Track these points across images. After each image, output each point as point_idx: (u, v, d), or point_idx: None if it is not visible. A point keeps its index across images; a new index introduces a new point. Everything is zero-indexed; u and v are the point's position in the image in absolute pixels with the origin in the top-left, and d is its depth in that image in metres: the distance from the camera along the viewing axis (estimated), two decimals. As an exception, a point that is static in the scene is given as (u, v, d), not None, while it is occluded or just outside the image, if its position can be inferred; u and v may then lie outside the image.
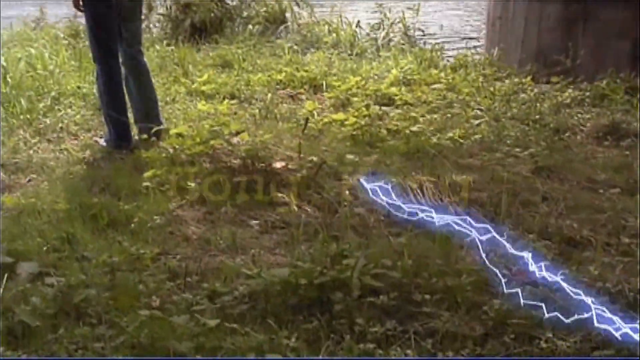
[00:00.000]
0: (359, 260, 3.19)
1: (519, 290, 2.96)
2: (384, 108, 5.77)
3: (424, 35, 9.20)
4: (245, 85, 6.59)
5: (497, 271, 3.07)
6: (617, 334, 2.66)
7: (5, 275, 3.29)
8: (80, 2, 4.91)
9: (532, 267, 2.95)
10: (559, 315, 2.80)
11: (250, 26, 8.71)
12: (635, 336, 2.62)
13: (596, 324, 2.69)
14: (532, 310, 2.91)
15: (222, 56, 7.53)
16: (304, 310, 3.05)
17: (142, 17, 5.53)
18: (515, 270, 3.15)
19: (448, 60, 7.78)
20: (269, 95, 6.28)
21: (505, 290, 3.01)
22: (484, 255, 3.15)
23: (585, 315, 2.71)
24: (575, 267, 3.30)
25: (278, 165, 4.56)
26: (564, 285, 2.85)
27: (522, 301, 2.91)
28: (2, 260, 3.42)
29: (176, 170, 4.52)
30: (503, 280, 3.03)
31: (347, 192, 4.10)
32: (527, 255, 2.99)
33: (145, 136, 4.94)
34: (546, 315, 2.84)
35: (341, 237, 3.69)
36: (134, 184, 4.40)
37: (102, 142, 5.11)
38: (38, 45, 7.50)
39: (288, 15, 9.49)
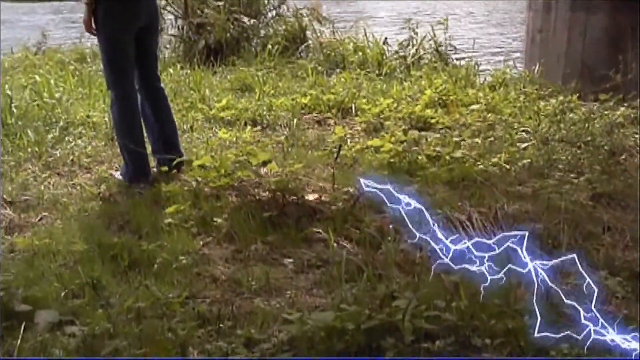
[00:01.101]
0: (411, 302, 3.13)
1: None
2: (422, 132, 5.72)
3: (455, 52, 9.19)
4: (268, 111, 6.59)
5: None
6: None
7: (23, 325, 3.25)
8: (93, 25, 4.89)
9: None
10: None
11: (269, 46, 8.72)
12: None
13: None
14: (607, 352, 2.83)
15: (240, 79, 7.54)
16: (352, 357, 2.99)
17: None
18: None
19: (485, 79, 7.76)
20: (295, 120, 6.26)
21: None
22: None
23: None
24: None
25: (311, 197, 4.52)
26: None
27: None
28: (18, 308, 3.39)
29: (200, 205, 4.49)
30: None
31: (390, 226, 4.04)
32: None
33: (165, 168, 4.91)
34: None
35: (385, 276, 3.64)
36: (155, 220, 4.37)
37: (117, 175, 5.09)
38: (43, 72, 7.53)
39: (308, 33, 9.52)
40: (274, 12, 9.65)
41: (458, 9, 21.84)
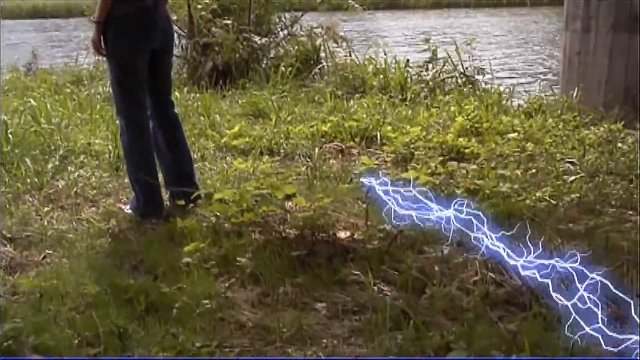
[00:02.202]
0: (471, 354, 3.07)
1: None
2: (457, 164, 5.68)
3: (483, 75, 9.18)
4: (285, 139, 6.54)
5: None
6: None
7: (35, 377, 3.19)
8: (103, 45, 4.84)
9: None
10: None
11: (282, 68, 8.69)
12: None
13: None
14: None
15: (253, 104, 7.51)
16: (405, 417, 2.92)
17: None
18: None
19: (519, 105, 7.73)
20: (316, 150, 6.22)
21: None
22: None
23: None
24: None
25: (342, 235, 4.46)
26: None
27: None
28: (30, 358, 3.32)
29: (221, 243, 4.43)
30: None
31: (435, 267, 3.97)
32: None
33: (182, 202, 4.85)
34: None
35: (432, 323, 3.57)
36: (172, 259, 4.31)
37: (127, 209, 5.03)
38: (38, 95, 7.50)
39: (323, 54, 9.52)
40: (285, 32, 9.65)
41: (473, 28, 21.95)
